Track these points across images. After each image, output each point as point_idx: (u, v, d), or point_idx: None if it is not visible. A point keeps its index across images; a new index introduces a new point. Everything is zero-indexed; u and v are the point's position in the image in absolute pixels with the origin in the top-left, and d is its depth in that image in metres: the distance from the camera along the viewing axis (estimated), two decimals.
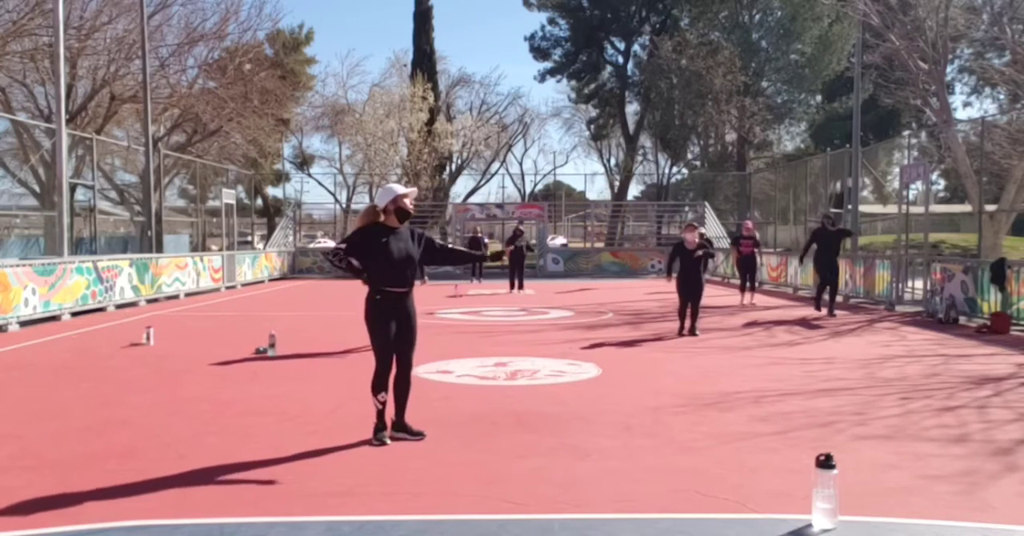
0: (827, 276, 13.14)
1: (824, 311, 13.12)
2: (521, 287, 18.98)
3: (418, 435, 5.28)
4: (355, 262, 5.17)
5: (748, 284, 15.97)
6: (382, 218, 5.22)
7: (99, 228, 18.73)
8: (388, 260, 5.13)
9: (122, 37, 21.61)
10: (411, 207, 5.29)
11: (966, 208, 23.68)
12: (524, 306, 15.29)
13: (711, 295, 17.65)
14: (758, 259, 16.76)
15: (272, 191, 38.98)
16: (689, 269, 10.76)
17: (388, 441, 5.17)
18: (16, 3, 19.17)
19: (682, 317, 10.83)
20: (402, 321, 5.27)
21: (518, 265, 19.17)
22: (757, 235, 17.05)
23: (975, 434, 5.40)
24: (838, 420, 5.76)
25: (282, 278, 25.34)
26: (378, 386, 5.23)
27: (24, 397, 6.74)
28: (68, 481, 4.36)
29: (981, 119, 16.35)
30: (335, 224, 37.98)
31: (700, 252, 10.75)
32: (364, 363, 8.46)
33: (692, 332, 10.64)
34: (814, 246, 13.31)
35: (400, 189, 5.28)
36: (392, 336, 5.24)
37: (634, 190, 45.75)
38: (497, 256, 5.73)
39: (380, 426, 5.21)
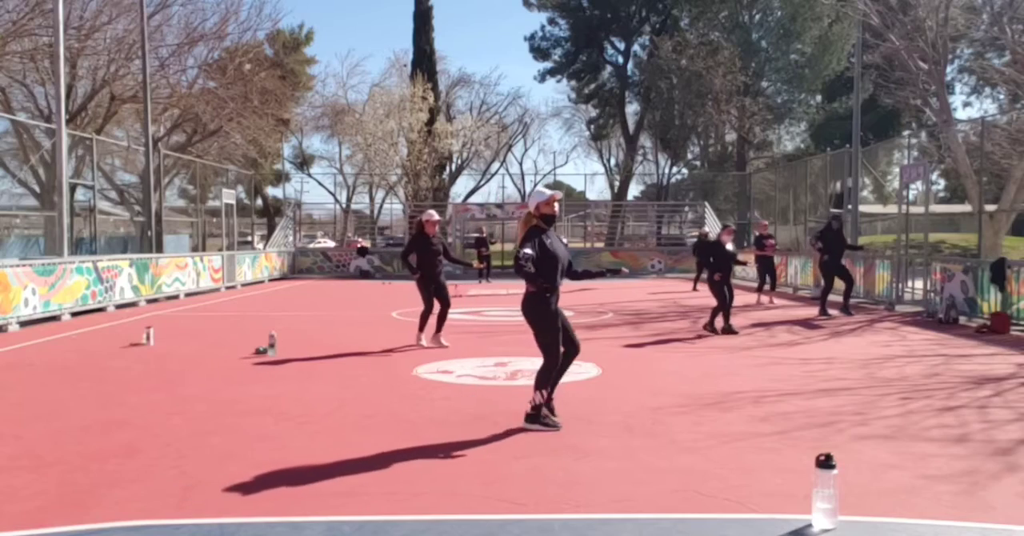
0: (838, 277, 13.19)
1: (837, 312, 13.11)
2: None
3: (555, 426, 5.51)
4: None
5: (769, 285, 16.05)
6: (534, 222, 5.50)
7: (99, 228, 18.72)
8: (554, 259, 5.43)
9: (122, 37, 21.62)
10: (556, 211, 5.60)
11: (966, 208, 23.68)
12: None
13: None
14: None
15: (272, 191, 39.06)
16: (727, 270, 11.10)
17: (560, 425, 5.45)
18: (16, 3, 19.17)
19: (716, 316, 11.01)
20: (561, 315, 5.55)
21: None
22: None
23: (975, 434, 5.40)
24: (838, 420, 5.76)
25: (282, 278, 25.35)
26: (547, 380, 5.45)
27: (24, 397, 6.74)
28: (68, 481, 4.36)
29: (981, 119, 16.33)
30: (335, 224, 38.00)
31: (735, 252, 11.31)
32: (364, 363, 8.48)
33: (732, 331, 10.85)
34: (819, 245, 13.34)
35: (545, 193, 5.54)
36: (560, 331, 5.49)
37: (634, 190, 45.82)
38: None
39: (538, 415, 5.45)
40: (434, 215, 9.86)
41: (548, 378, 5.49)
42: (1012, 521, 3.75)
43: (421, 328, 9.72)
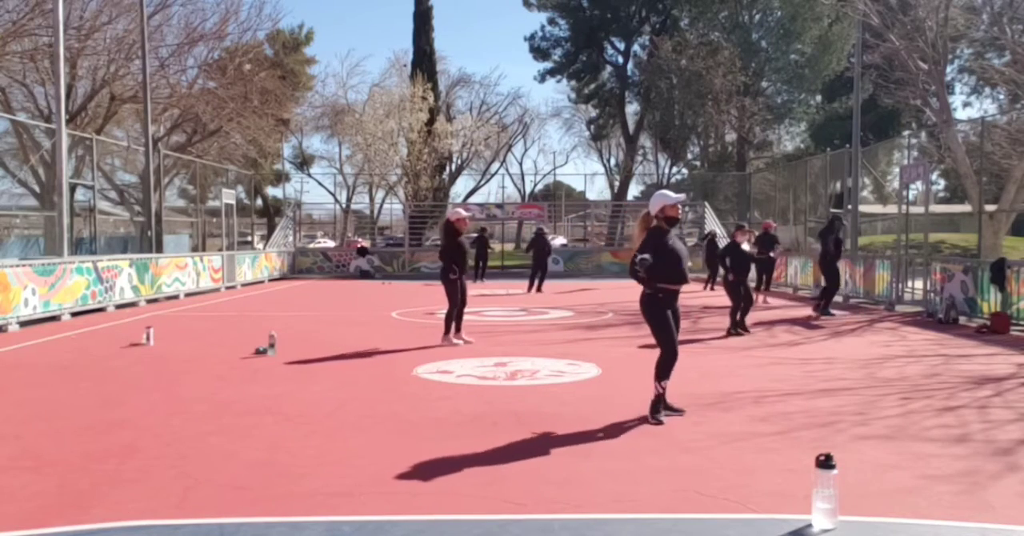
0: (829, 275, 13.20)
1: (837, 312, 13.10)
2: (539, 289, 18.83)
3: (679, 411, 5.83)
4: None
5: (764, 284, 16.12)
6: (655, 223, 5.64)
7: (99, 228, 18.72)
8: (673, 260, 5.59)
9: (122, 37, 21.60)
10: (680, 215, 5.83)
11: (966, 208, 23.65)
12: (524, 306, 15.29)
13: (707, 295, 17.65)
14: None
15: (272, 191, 39.05)
16: (744, 271, 11.09)
17: (665, 420, 5.63)
18: (16, 3, 19.16)
19: (736, 316, 10.95)
20: (676, 314, 5.84)
21: (541, 267, 19.20)
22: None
23: (976, 434, 5.40)
24: (838, 420, 5.76)
25: (282, 278, 25.34)
26: (665, 373, 5.70)
27: (24, 397, 6.74)
28: (68, 481, 4.36)
29: (981, 119, 16.33)
30: (335, 224, 37.99)
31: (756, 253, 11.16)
32: (364, 363, 8.48)
33: (746, 330, 10.87)
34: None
35: (672, 197, 5.71)
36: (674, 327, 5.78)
37: (634, 190, 45.81)
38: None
39: (658, 408, 5.68)
40: (461, 212, 9.99)
41: (665, 371, 5.70)
42: (1012, 521, 3.74)
43: (458, 328, 9.80)
